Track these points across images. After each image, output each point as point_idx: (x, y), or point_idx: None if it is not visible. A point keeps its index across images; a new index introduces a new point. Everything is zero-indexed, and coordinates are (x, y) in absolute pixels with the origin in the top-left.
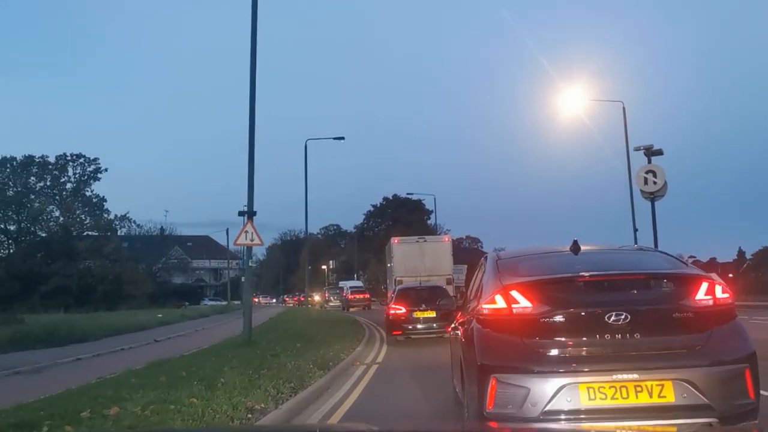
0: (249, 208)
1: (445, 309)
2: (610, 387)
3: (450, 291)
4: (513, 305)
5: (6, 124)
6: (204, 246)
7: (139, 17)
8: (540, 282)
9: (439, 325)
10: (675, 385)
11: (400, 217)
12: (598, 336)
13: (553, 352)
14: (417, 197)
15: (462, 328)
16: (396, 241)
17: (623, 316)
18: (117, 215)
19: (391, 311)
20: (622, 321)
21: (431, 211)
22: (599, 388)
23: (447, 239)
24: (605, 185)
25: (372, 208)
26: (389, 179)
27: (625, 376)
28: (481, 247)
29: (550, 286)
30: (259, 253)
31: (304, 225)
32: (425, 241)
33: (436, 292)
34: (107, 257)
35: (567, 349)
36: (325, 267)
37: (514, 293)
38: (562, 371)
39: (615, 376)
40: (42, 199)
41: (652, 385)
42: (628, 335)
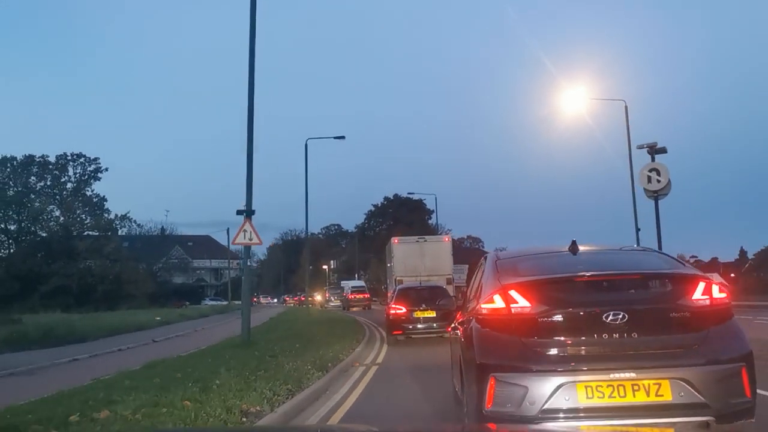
0: (247, 207)
1: (445, 309)
2: (608, 386)
3: (450, 291)
4: (512, 305)
5: (6, 124)
6: (205, 246)
7: (139, 17)
8: (538, 282)
9: (439, 324)
10: (672, 383)
11: (401, 216)
12: (596, 335)
13: (552, 352)
14: (418, 197)
15: (461, 327)
16: (396, 241)
17: (621, 316)
18: (117, 215)
19: (392, 311)
20: (619, 320)
21: (432, 211)
22: (597, 386)
23: (447, 239)
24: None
25: (373, 208)
26: (390, 179)
27: (622, 375)
28: (482, 247)
29: (549, 285)
30: (260, 253)
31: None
32: (425, 241)
33: (436, 292)
34: (107, 257)
35: (565, 348)
36: (326, 267)
37: (513, 293)
38: (560, 370)
39: (612, 375)
40: (42, 199)
41: (649, 384)
42: (625, 335)
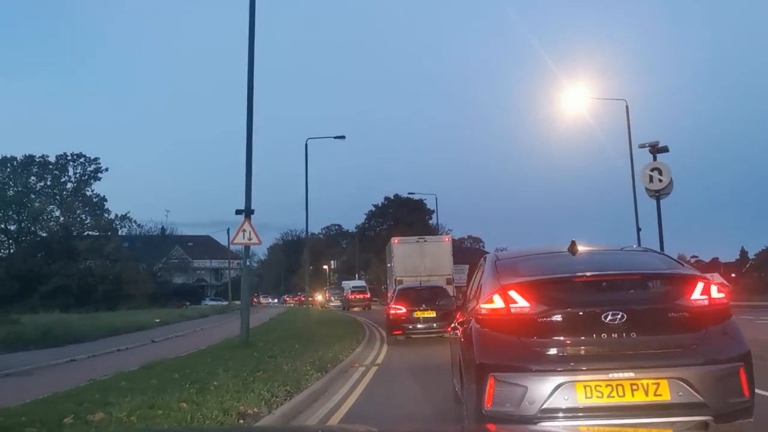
0: (246, 206)
1: (445, 309)
2: (607, 385)
3: (450, 291)
4: (511, 305)
5: (6, 124)
6: (205, 246)
7: (139, 17)
8: (537, 282)
9: (439, 324)
10: (670, 383)
11: (401, 216)
12: (595, 335)
13: (551, 351)
14: (418, 197)
15: (461, 327)
16: (396, 241)
17: (619, 316)
18: (117, 215)
19: (392, 311)
20: (618, 320)
21: (433, 211)
22: (596, 386)
23: (447, 239)
24: (608, 185)
25: (373, 208)
26: (390, 179)
27: (621, 375)
28: (482, 248)
29: (548, 286)
30: (260, 253)
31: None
32: (425, 241)
33: (436, 292)
34: (108, 257)
35: (564, 348)
36: (326, 267)
37: (512, 293)
38: (559, 370)
39: (611, 375)
40: (42, 199)
41: (648, 384)
42: (624, 334)
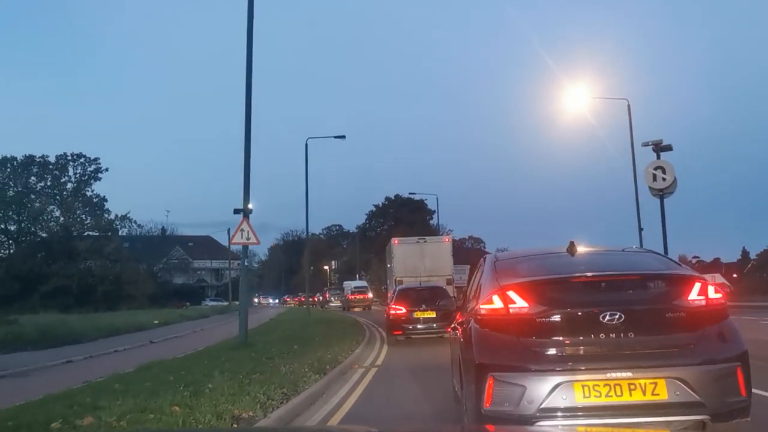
0: (244, 206)
1: (445, 309)
2: (605, 385)
3: (450, 291)
4: (510, 305)
5: (6, 124)
6: (205, 246)
7: (139, 18)
8: (536, 282)
9: (439, 325)
10: (668, 383)
11: (402, 217)
12: (593, 335)
13: (549, 351)
14: (419, 197)
15: (461, 327)
16: (396, 241)
17: (617, 316)
18: (118, 215)
19: (392, 311)
20: (616, 320)
21: (434, 211)
22: (594, 386)
23: (447, 240)
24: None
25: (374, 208)
26: (391, 179)
27: (619, 375)
28: (483, 248)
29: (546, 286)
30: (261, 253)
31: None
32: (425, 241)
33: (436, 293)
34: (108, 257)
35: (563, 348)
36: (327, 267)
37: (511, 293)
38: (557, 370)
39: (609, 375)
40: (42, 199)
41: (645, 383)
42: (622, 334)
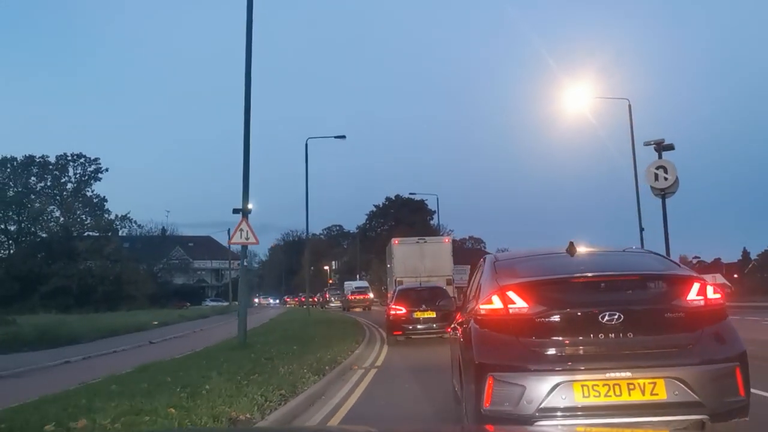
0: (243, 206)
1: (444, 309)
2: (604, 385)
3: (450, 292)
4: (509, 305)
5: (6, 124)
6: (205, 246)
7: (139, 18)
8: (536, 283)
9: (439, 325)
10: (667, 382)
11: (402, 217)
12: (592, 335)
13: (549, 351)
14: (419, 197)
15: (461, 328)
16: (396, 241)
17: (617, 316)
18: (118, 215)
19: (392, 312)
20: (615, 321)
21: (434, 212)
22: (593, 386)
23: (447, 240)
24: (610, 184)
25: (374, 209)
26: (391, 179)
27: (618, 375)
28: (484, 248)
29: (546, 286)
30: (261, 253)
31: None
32: (425, 242)
33: (436, 293)
34: (108, 258)
35: (562, 348)
36: (327, 267)
37: (511, 294)
38: (557, 369)
39: (608, 375)
40: (42, 199)
41: (644, 383)
42: (621, 335)
